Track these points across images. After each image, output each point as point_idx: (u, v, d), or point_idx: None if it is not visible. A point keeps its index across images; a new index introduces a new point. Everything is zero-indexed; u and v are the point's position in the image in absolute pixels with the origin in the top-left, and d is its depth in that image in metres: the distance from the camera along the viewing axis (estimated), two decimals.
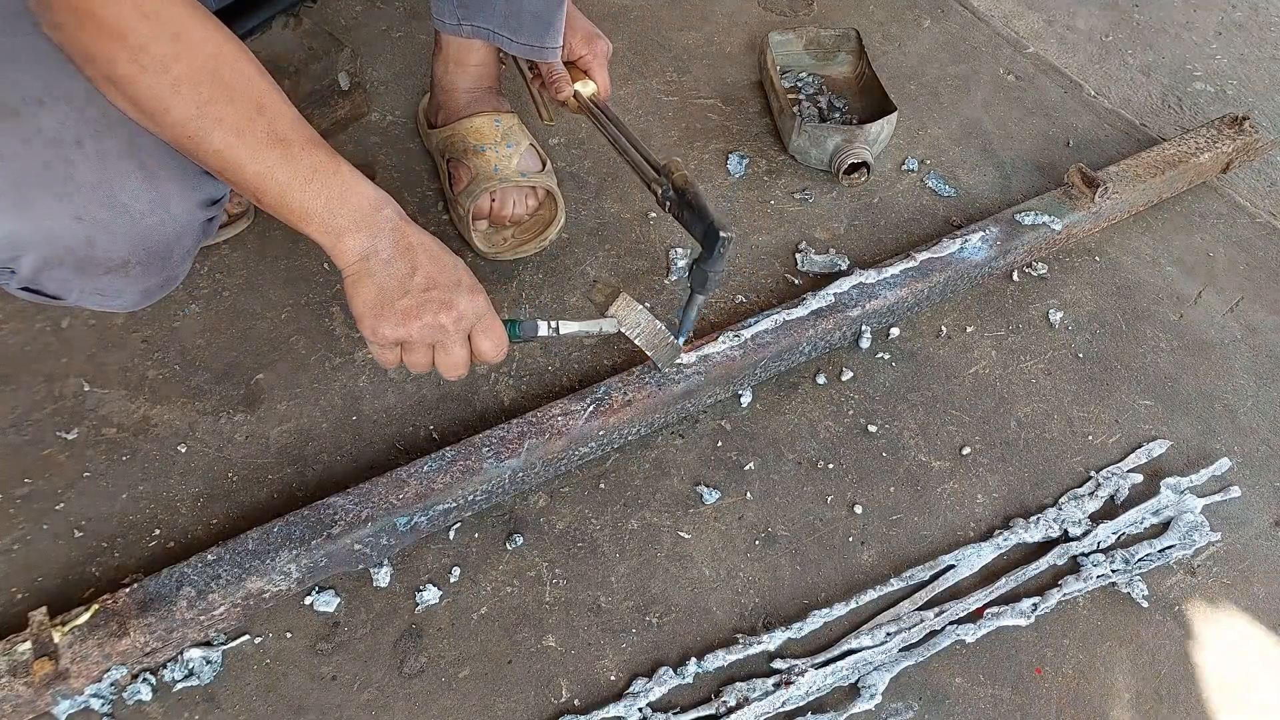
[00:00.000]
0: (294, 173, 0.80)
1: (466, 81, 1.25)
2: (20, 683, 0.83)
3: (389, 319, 0.85)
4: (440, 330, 0.86)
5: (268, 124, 0.78)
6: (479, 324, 0.89)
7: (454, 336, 0.88)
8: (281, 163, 0.79)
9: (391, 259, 0.84)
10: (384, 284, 0.84)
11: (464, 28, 1.18)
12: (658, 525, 1.06)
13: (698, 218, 1.01)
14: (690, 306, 1.03)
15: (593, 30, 1.21)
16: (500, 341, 0.91)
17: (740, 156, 1.43)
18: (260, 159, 0.78)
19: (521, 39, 1.15)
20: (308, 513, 0.96)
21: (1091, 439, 1.17)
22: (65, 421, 1.07)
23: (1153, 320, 1.30)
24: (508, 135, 1.25)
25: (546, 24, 1.14)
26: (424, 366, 0.90)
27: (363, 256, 0.84)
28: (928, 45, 1.67)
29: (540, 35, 1.15)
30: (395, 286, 0.85)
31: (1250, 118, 1.46)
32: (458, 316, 0.86)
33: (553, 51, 1.16)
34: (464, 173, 1.25)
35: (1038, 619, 1.01)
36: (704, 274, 1.00)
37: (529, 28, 1.14)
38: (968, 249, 1.26)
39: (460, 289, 0.87)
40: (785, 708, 0.93)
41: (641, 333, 1.00)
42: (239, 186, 0.80)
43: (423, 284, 0.85)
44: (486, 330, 0.90)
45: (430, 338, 0.87)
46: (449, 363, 0.90)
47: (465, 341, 0.89)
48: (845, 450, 1.14)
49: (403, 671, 0.94)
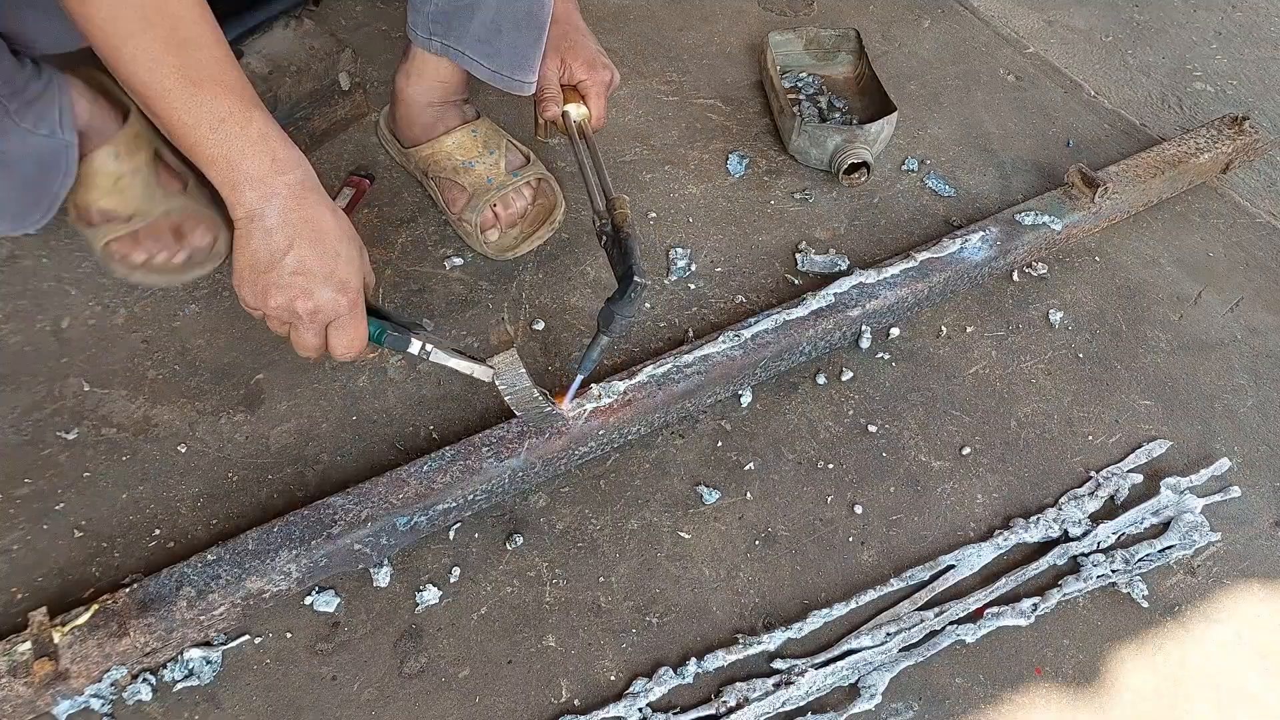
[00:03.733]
0: (199, 116, 0.80)
1: (431, 96, 1.22)
2: (20, 683, 0.83)
3: (250, 287, 0.86)
4: (294, 315, 0.87)
5: (182, 63, 0.79)
6: (336, 321, 0.89)
7: (307, 325, 0.88)
8: (189, 104, 0.80)
9: (273, 229, 0.84)
10: (257, 251, 0.84)
11: (434, 43, 1.14)
12: (658, 525, 1.06)
13: (622, 259, 1.01)
14: (593, 346, 1.00)
15: (598, 59, 1.18)
16: (351, 344, 0.91)
17: (740, 156, 1.43)
18: (169, 97, 0.79)
19: (493, 66, 1.13)
20: (308, 513, 0.96)
21: (1091, 439, 1.17)
22: (65, 421, 1.07)
23: (1153, 320, 1.30)
24: (487, 142, 1.25)
25: (522, 57, 1.12)
26: (279, 333, 0.91)
27: (249, 216, 0.84)
28: (928, 45, 1.67)
29: (514, 67, 1.13)
30: (266, 259, 0.84)
31: (1250, 118, 1.46)
32: (314, 309, 0.86)
33: (525, 85, 1.14)
34: (457, 193, 1.24)
35: (1038, 619, 1.01)
36: (611, 314, 0.98)
37: (504, 56, 1.12)
38: (968, 249, 1.26)
39: (329, 282, 0.86)
40: (785, 708, 0.93)
41: (514, 394, 0.98)
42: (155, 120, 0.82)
43: (293, 265, 0.85)
44: (341, 328, 0.89)
45: (284, 318, 0.87)
46: (298, 343, 0.90)
47: (320, 332, 0.89)
48: (845, 450, 1.14)
49: (403, 671, 0.94)
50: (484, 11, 1.09)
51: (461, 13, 1.09)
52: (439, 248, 1.27)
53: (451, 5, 1.09)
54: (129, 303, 1.17)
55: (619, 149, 1.43)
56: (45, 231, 1.21)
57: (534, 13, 1.10)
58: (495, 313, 1.22)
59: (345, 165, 1.35)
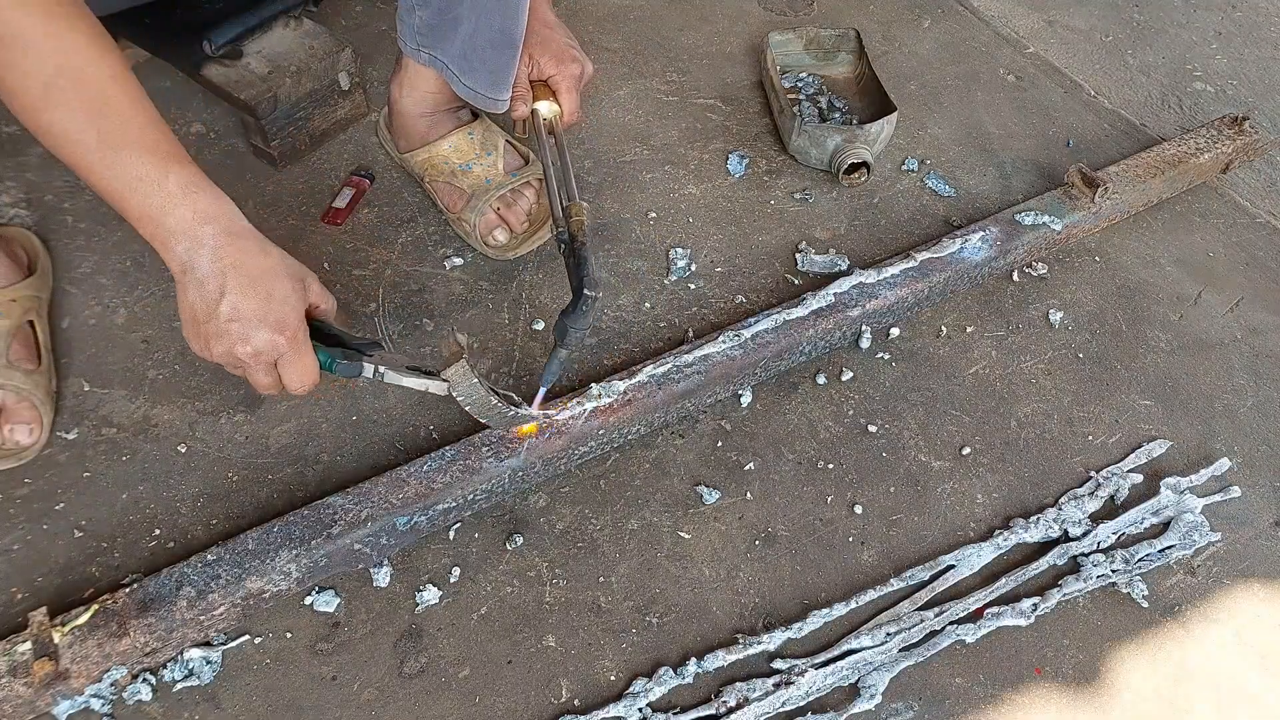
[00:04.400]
0: (120, 178, 0.82)
1: (424, 106, 1.23)
2: (20, 683, 0.83)
3: (195, 339, 0.88)
4: (238, 361, 0.87)
5: (100, 129, 0.81)
6: (282, 359, 0.88)
7: (254, 368, 0.88)
8: (109, 167, 0.82)
9: (204, 279, 0.85)
10: (194, 303, 0.86)
11: (421, 54, 1.14)
12: (658, 525, 1.06)
13: (576, 270, 0.99)
14: (552, 360, 0.98)
15: (567, 52, 1.18)
16: (303, 378, 0.90)
17: (740, 156, 1.43)
18: (89, 161, 0.81)
19: (469, 83, 1.13)
20: (308, 513, 0.96)
21: (1091, 439, 1.17)
22: (65, 421, 1.07)
23: (1153, 320, 1.30)
24: (485, 144, 1.25)
25: (493, 74, 1.12)
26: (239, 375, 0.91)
27: (182, 269, 0.85)
28: (928, 45, 1.67)
29: (485, 84, 1.13)
30: (203, 309, 0.85)
31: (1250, 118, 1.46)
32: (254, 352, 0.86)
33: (499, 104, 1.14)
34: (456, 195, 1.24)
35: (1038, 619, 1.01)
36: (564, 328, 0.96)
37: (479, 73, 1.12)
38: (968, 249, 1.26)
39: (264, 324, 0.86)
40: (785, 708, 0.93)
41: (473, 404, 0.95)
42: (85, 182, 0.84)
43: (227, 313, 0.85)
44: (288, 365, 0.89)
45: (232, 364, 0.88)
46: (254, 384, 0.91)
47: (271, 370, 0.89)
48: (845, 450, 1.14)
49: (403, 671, 0.94)
50: (464, 27, 1.08)
51: (446, 26, 1.09)
52: (439, 248, 1.27)
53: (436, 19, 1.10)
54: (129, 303, 1.17)
55: (619, 149, 1.43)
56: (46, 232, 1.21)
57: (508, 31, 1.09)
58: (496, 313, 1.22)
59: (345, 165, 1.35)
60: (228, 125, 1.36)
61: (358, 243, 1.27)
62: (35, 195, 1.25)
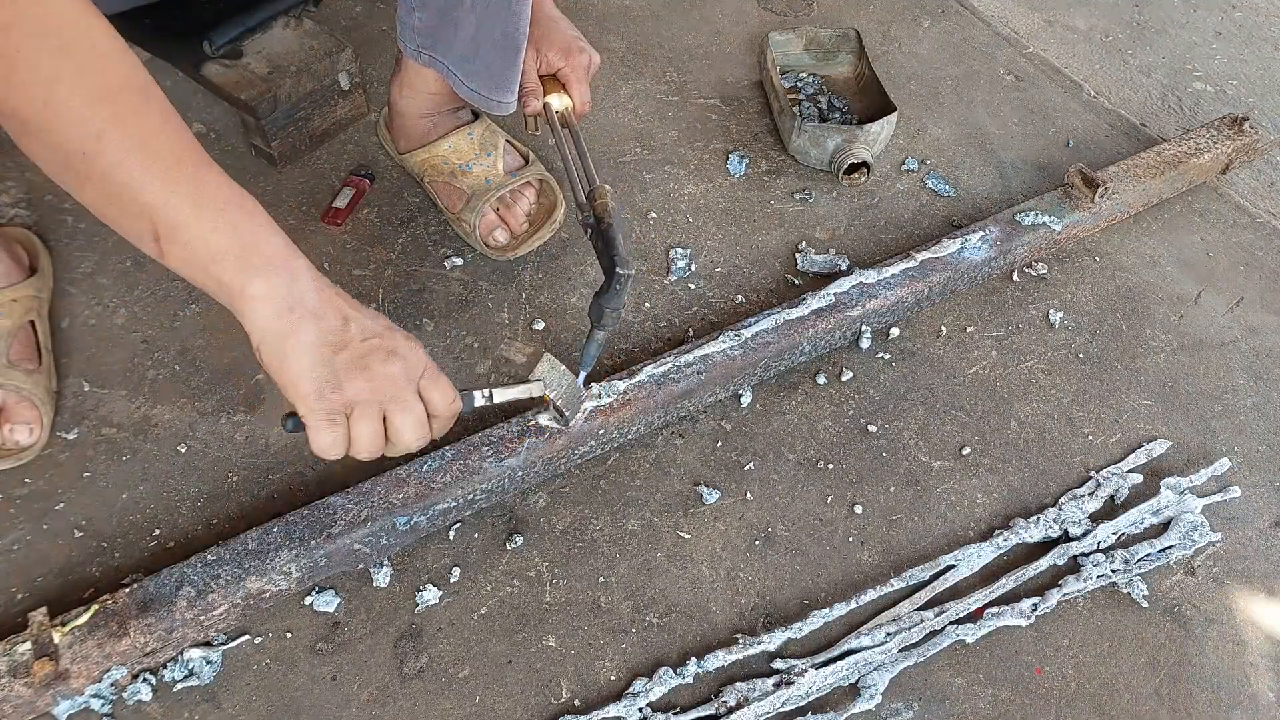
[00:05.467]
0: (202, 202, 0.70)
1: (424, 107, 1.22)
2: (20, 683, 0.83)
3: (334, 379, 0.74)
4: (392, 381, 0.77)
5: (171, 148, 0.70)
6: (426, 373, 0.80)
7: (407, 389, 0.78)
8: (188, 189, 0.69)
9: (319, 310, 0.74)
10: (318, 339, 0.74)
11: (421, 55, 1.13)
12: (658, 525, 1.06)
13: (606, 249, 0.98)
14: (590, 343, 0.97)
15: (573, 44, 1.17)
16: (450, 391, 0.82)
17: (740, 156, 1.43)
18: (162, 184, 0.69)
19: (472, 84, 1.13)
20: (308, 513, 0.96)
21: (1091, 439, 1.17)
22: (65, 421, 1.07)
23: (1153, 320, 1.30)
24: (484, 144, 1.24)
25: (496, 76, 1.12)
26: (375, 441, 0.78)
27: (286, 307, 0.73)
28: (928, 45, 1.67)
29: (489, 87, 1.12)
30: (332, 339, 0.74)
31: (1250, 118, 1.45)
32: (405, 366, 0.77)
33: (503, 105, 1.14)
34: (456, 195, 1.24)
35: (1038, 619, 1.01)
36: (600, 308, 0.95)
37: (482, 76, 1.12)
38: (968, 249, 1.26)
39: (398, 335, 0.79)
40: (785, 708, 0.93)
41: (563, 395, 0.96)
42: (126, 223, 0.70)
43: (360, 333, 0.76)
44: (434, 380, 0.80)
45: (383, 392, 0.77)
46: (409, 422, 0.78)
47: (416, 395, 0.79)
48: (845, 450, 1.14)
49: (403, 671, 0.94)
50: (465, 29, 1.08)
51: (446, 28, 1.09)
52: (439, 248, 1.27)
53: (436, 21, 1.09)
54: (129, 303, 1.17)
55: (619, 149, 1.43)
56: (46, 232, 1.21)
57: (510, 34, 1.09)
58: (496, 313, 1.22)
59: (345, 165, 1.35)
60: (228, 125, 1.36)
61: (358, 243, 1.27)
62: (35, 195, 1.25)
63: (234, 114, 1.33)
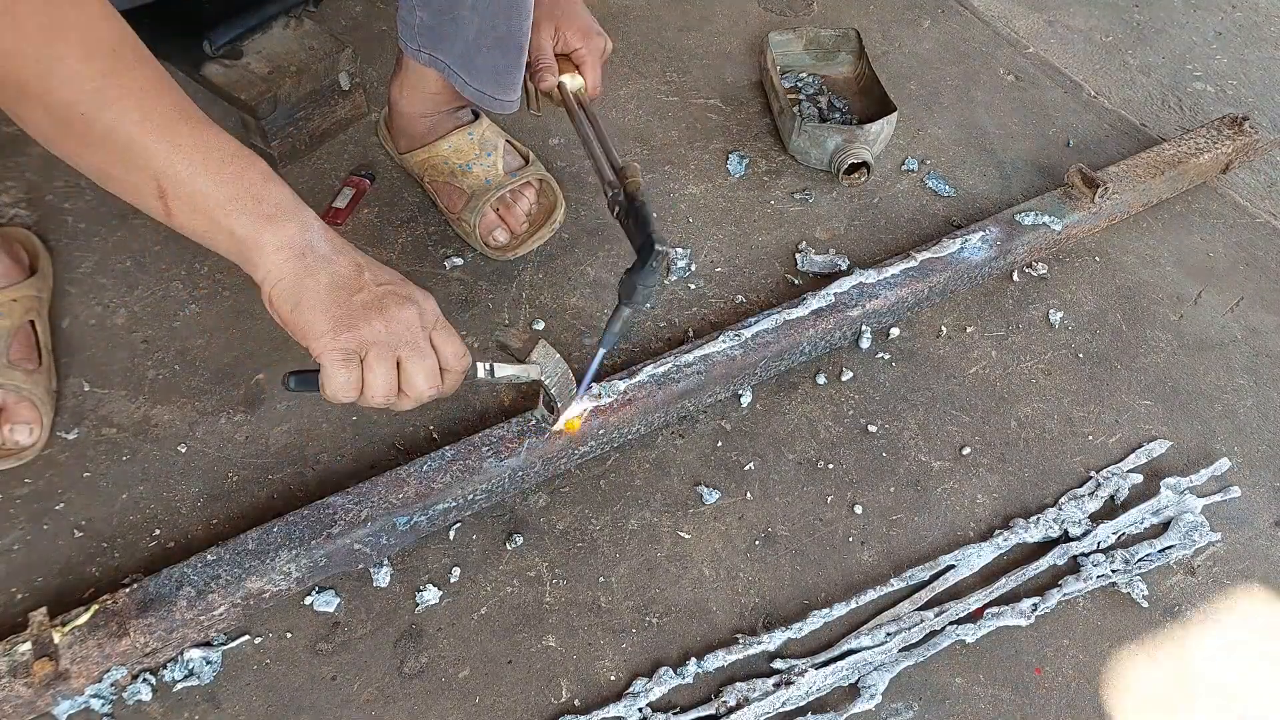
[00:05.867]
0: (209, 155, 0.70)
1: (424, 106, 1.22)
2: (20, 683, 0.83)
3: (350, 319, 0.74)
4: (408, 326, 0.76)
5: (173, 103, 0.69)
6: (438, 324, 0.80)
7: (422, 336, 0.78)
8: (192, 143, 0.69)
9: (332, 255, 0.75)
10: (333, 281, 0.74)
11: (422, 55, 1.13)
12: (658, 525, 1.06)
13: (639, 228, 0.98)
14: (615, 318, 0.95)
15: (591, 26, 1.18)
16: (461, 347, 0.81)
17: (740, 156, 1.43)
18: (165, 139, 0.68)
19: (475, 84, 1.12)
20: (308, 513, 0.96)
21: (1091, 439, 1.17)
22: (65, 421, 1.07)
23: (1153, 320, 1.31)
24: (484, 144, 1.24)
25: (500, 75, 1.11)
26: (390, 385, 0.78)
27: (299, 252, 0.73)
28: (928, 45, 1.67)
29: (493, 85, 1.12)
30: (349, 282, 0.75)
31: (1250, 118, 1.46)
32: (420, 312, 0.77)
33: (506, 104, 1.14)
34: (456, 195, 1.24)
35: (1038, 619, 1.01)
36: (633, 285, 0.94)
37: (484, 75, 1.12)
38: (968, 249, 1.26)
39: (411, 284, 0.79)
40: (785, 708, 0.93)
41: (557, 381, 0.95)
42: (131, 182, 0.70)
43: (374, 279, 0.76)
44: (448, 332, 0.80)
45: (399, 336, 0.76)
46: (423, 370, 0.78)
47: (428, 344, 0.79)
48: (845, 450, 1.14)
49: (403, 671, 0.94)
50: (466, 29, 1.08)
51: (447, 27, 1.09)
52: (439, 248, 1.27)
53: (436, 20, 1.09)
54: (129, 303, 1.17)
55: (619, 149, 1.42)
56: (46, 232, 1.21)
57: (512, 33, 1.09)
58: (496, 313, 1.22)
59: (345, 165, 1.35)
60: (228, 125, 1.34)
61: (358, 243, 1.25)
62: (35, 195, 1.25)
63: (234, 114, 1.33)
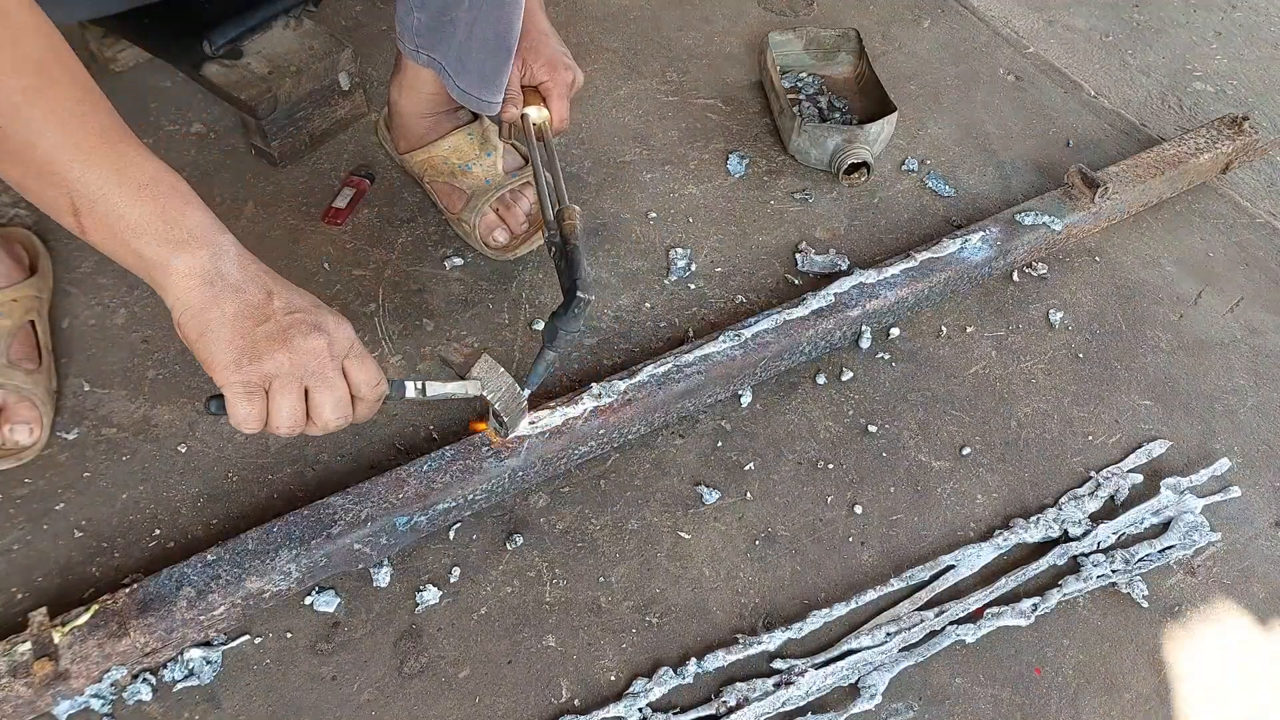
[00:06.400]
0: (125, 177, 0.70)
1: (423, 107, 1.22)
2: (20, 683, 0.83)
3: (253, 351, 0.73)
4: (314, 356, 0.75)
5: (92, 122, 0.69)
6: (352, 352, 0.78)
7: (330, 365, 0.76)
8: (108, 164, 0.69)
9: (241, 284, 0.74)
10: (238, 311, 0.74)
11: (420, 55, 1.14)
12: (658, 525, 1.06)
13: (569, 272, 0.98)
14: (539, 362, 0.96)
15: (560, 59, 1.17)
16: (376, 373, 0.80)
17: (740, 156, 1.43)
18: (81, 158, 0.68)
19: (463, 83, 1.13)
20: (308, 513, 0.96)
21: (1091, 439, 1.17)
22: (65, 421, 1.07)
23: (1153, 320, 1.31)
24: (484, 144, 1.25)
25: (486, 77, 1.12)
26: (297, 417, 0.77)
27: (206, 281, 0.73)
28: (928, 45, 1.67)
29: (478, 86, 1.12)
30: (253, 312, 0.74)
31: (1250, 118, 1.46)
32: (330, 341, 0.76)
33: (489, 105, 1.14)
34: (456, 196, 1.24)
35: (1038, 619, 1.01)
36: (555, 329, 0.94)
37: (473, 75, 1.12)
38: (968, 249, 1.26)
39: (324, 311, 0.77)
40: (785, 708, 0.93)
41: (502, 398, 0.94)
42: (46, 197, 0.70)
43: (283, 307, 0.75)
44: (360, 360, 0.78)
45: (304, 367, 0.75)
46: (329, 400, 0.77)
47: (340, 374, 0.78)
48: (845, 450, 1.14)
49: (403, 671, 0.94)
50: (459, 30, 1.09)
51: (444, 28, 1.10)
52: (439, 248, 1.27)
53: (434, 21, 1.10)
54: (129, 303, 1.17)
55: (619, 149, 1.43)
56: (46, 231, 1.21)
57: (502, 35, 1.09)
58: (496, 313, 1.22)
59: (345, 165, 1.35)
60: (228, 125, 1.36)
61: (358, 243, 1.27)
62: None
63: (234, 114, 1.33)
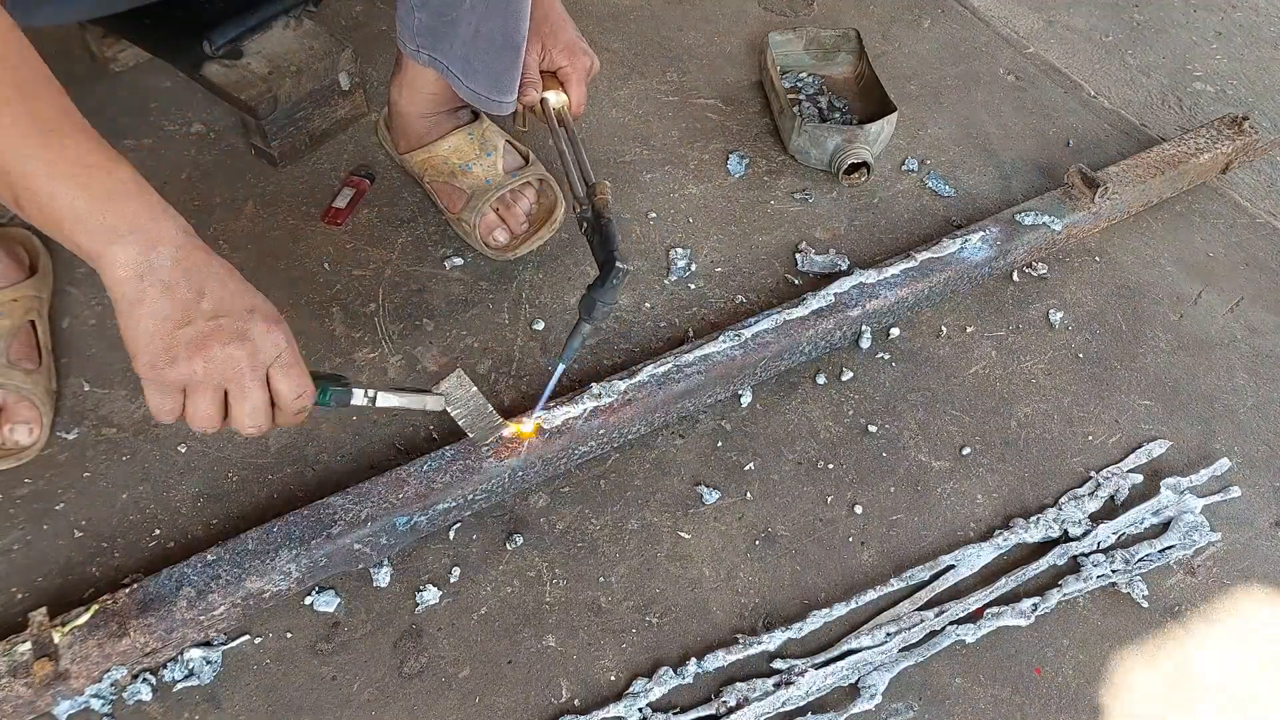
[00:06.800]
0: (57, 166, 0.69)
1: (423, 107, 1.22)
2: (20, 683, 0.83)
3: (169, 353, 0.72)
4: (232, 365, 0.74)
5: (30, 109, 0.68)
6: (278, 361, 0.76)
7: (249, 375, 0.75)
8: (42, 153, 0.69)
9: (172, 281, 0.72)
10: (163, 310, 0.72)
11: (421, 55, 1.13)
12: (658, 525, 1.06)
13: (604, 245, 0.98)
14: (575, 334, 0.97)
15: (578, 45, 1.18)
16: (302, 385, 0.78)
17: (740, 156, 1.43)
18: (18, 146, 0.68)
19: (471, 84, 1.12)
20: (308, 513, 0.96)
21: (1091, 439, 1.17)
22: (65, 421, 1.07)
23: (1153, 320, 1.30)
24: (484, 144, 1.25)
25: (496, 76, 1.12)
26: (211, 419, 0.76)
27: (136, 274, 0.71)
28: (928, 45, 1.67)
29: (490, 86, 1.12)
30: (177, 313, 0.72)
31: (1250, 118, 1.45)
32: (253, 350, 0.74)
33: (503, 105, 1.14)
34: (456, 196, 1.24)
35: (1038, 619, 1.01)
36: (593, 301, 0.94)
37: (481, 76, 1.12)
38: (968, 249, 1.26)
39: (255, 317, 0.75)
40: (785, 708, 0.93)
41: (468, 415, 0.94)
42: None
43: (210, 310, 0.73)
44: (286, 370, 0.76)
45: (220, 375, 0.74)
46: (245, 409, 0.76)
47: (263, 384, 0.76)
48: (845, 450, 1.14)
49: (403, 671, 0.94)
50: (464, 30, 1.08)
51: (445, 28, 1.09)
52: (439, 248, 1.27)
53: (435, 21, 1.09)
54: None
55: (619, 149, 1.43)
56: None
57: (510, 34, 1.09)
58: (496, 313, 1.22)
59: (345, 165, 1.35)
60: (228, 125, 1.36)
61: (358, 243, 1.27)
62: None
63: (234, 114, 1.33)
